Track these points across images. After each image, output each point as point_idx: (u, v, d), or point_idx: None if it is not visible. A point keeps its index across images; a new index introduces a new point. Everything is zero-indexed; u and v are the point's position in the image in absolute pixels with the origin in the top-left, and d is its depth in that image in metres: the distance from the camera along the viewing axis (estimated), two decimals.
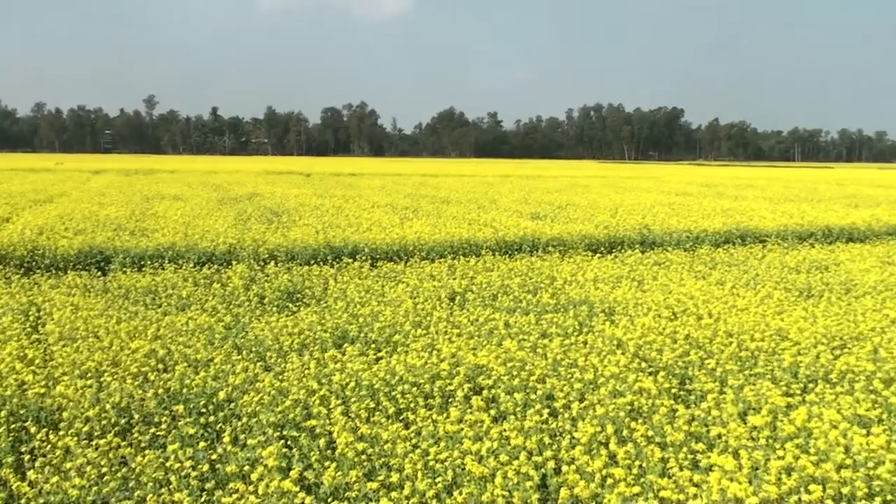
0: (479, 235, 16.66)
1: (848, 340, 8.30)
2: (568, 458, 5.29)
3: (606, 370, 6.92)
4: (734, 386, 6.68)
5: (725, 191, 38.56)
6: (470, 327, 8.90)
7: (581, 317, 9.38)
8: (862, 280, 12.05)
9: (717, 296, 10.59)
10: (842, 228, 19.94)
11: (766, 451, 5.29)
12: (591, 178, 56.78)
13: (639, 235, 17.80)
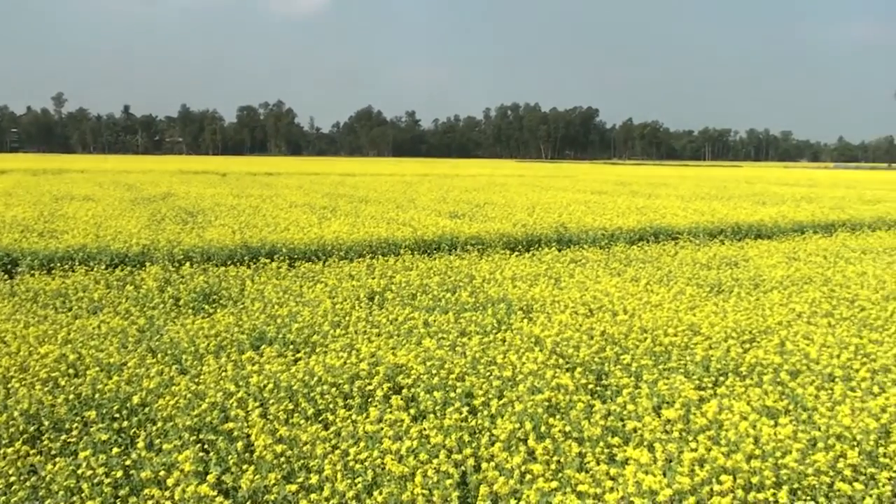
0: (398, 234, 16.65)
1: (757, 334, 8.55)
2: (487, 455, 5.33)
3: (525, 367, 6.99)
4: (649, 380, 6.82)
5: (639, 189, 39.30)
6: (389, 326, 8.89)
7: (499, 315, 9.45)
8: (769, 275, 12.43)
9: (632, 292, 10.78)
10: (750, 225, 20.52)
11: (680, 443, 5.42)
12: (508, 176, 57.26)
13: (556, 234, 18.01)
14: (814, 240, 18.15)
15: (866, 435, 5.45)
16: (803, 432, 5.51)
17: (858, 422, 5.60)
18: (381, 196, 30.20)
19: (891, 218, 23.40)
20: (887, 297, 10.56)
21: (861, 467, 5.10)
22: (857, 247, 16.69)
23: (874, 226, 21.93)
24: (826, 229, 20.89)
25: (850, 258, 14.89)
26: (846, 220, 22.56)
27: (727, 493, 4.68)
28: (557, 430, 5.66)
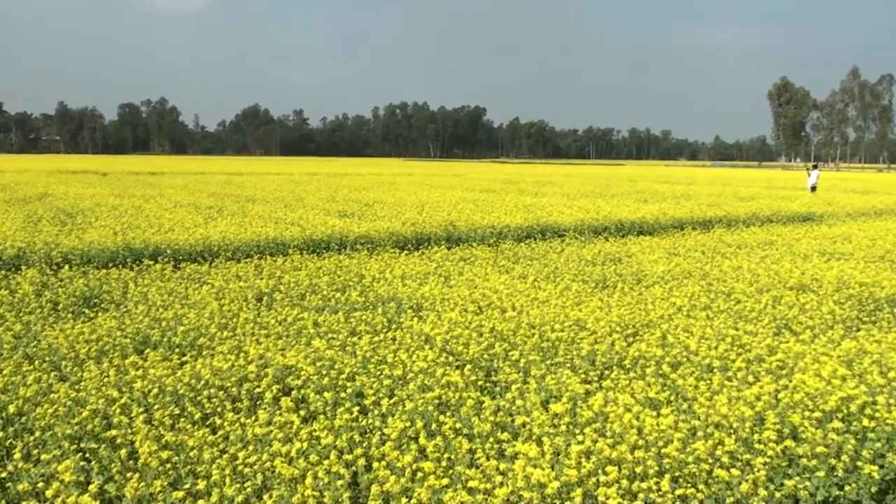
0: (287, 234, 16.46)
1: (640, 328, 8.79)
2: (378, 454, 5.33)
3: (415, 365, 7.02)
4: (537, 376, 6.93)
5: (526, 187, 39.91)
6: (278, 328, 8.78)
7: (390, 314, 9.46)
8: (651, 270, 12.81)
9: (520, 289, 10.94)
10: (633, 222, 21.07)
11: (567, 436, 5.53)
12: (397, 175, 57.34)
13: (445, 232, 18.12)
14: (693, 236, 18.77)
15: (742, 422, 5.68)
16: (684, 422, 5.70)
17: (735, 410, 5.83)
18: (268, 195, 29.80)
19: (763, 214, 24.41)
20: (761, 290, 11.02)
21: (738, 454, 5.30)
22: (733, 242, 17.36)
23: (748, 221, 22.83)
24: (704, 225, 21.63)
25: (726, 253, 15.49)
26: (723, 216, 23.41)
27: (612, 483, 4.80)
28: (448, 428, 5.70)
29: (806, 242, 17.29)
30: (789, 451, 5.46)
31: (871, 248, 16.21)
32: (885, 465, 5.54)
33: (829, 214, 25.54)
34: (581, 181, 49.81)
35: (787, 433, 5.69)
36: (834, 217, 25.03)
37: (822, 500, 5.18)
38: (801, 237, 18.50)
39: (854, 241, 17.69)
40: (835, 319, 9.39)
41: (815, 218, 24.66)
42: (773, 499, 5.04)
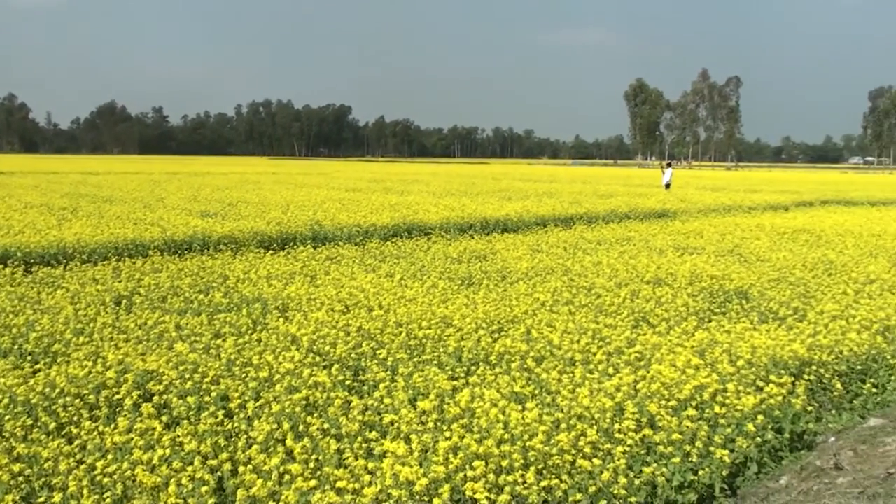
0: (146, 235, 15.97)
1: (505, 324, 8.95)
2: (244, 458, 5.24)
3: (282, 367, 6.94)
4: (404, 373, 6.96)
5: (392, 186, 39.97)
6: (138, 332, 8.49)
7: (255, 315, 9.30)
8: (515, 267, 13.05)
9: (387, 288, 10.96)
10: (497, 220, 21.40)
11: (435, 433, 5.58)
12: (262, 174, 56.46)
13: (311, 231, 17.96)
14: (555, 232, 19.21)
15: (603, 413, 5.86)
16: (548, 415, 5.83)
17: (596, 402, 6.01)
18: (127, 195, 28.81)
19: (622, 211, 25.20)
20: (619, 285, 11.39)
21: (599, 444, 5.48)
22: (593, 238, 17.88)
23: (607, 218, 23.51)
24: (565, 222, 22.16)
25: (587, 249, 15.92)
26: (583, 213, 24.03)
27: (479, 477, 4.87)
28: (315, 429, 5.66)
29: (661, 238, 17.97)
30: (647, 439, 5.69)
31: (721, 243, 17.01)
32: (735, 450, 5.84)
33: (682, 211, 26.58)
34: (447, 179, 50.25)
35: (646, 422, 5.92)
36: (687, 213, 26.07)
37: (678, 484, 5.41)
38: (657, 233, 19.22)
39: (705, 236, 18.52)
40: (688, 311, 9.80)
41: (669, 214, 25.62)
42: (633, 486, 5.22)
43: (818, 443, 6.72)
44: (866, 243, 17.29)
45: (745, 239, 17.90)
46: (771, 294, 10.80)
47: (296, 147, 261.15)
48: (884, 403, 7.73)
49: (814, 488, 5.33)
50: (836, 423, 7.21)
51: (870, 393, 7.84)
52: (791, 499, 5.18)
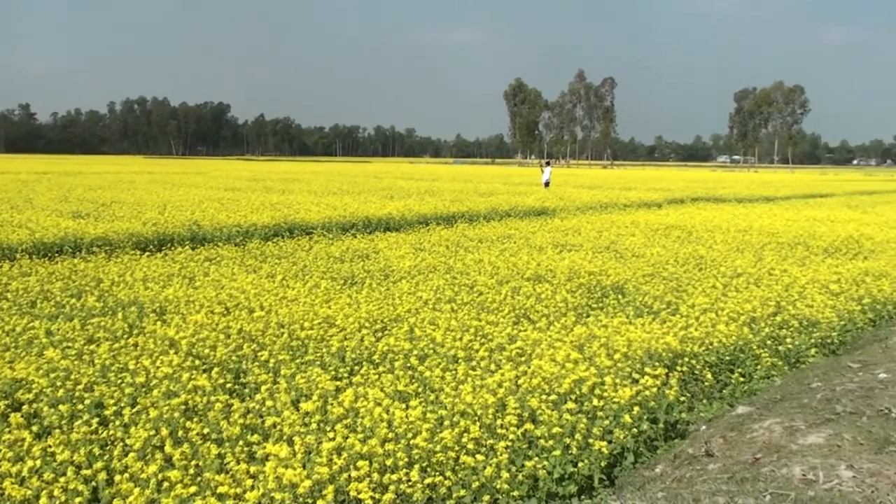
0: (13, 238, 15.26)
1: (388, 323, 8.95)
2: (120, 466, 5.08)
3: (160, 371, 6.75)
4: (287, 375, 6.89)
5: (273, 185, 39.42)
6: (5, 339, 8.12)
7: (131, 318, 9.02)
8: (398, 266, 13.07)
9: (268, 288, 10.81)
10: (380, 219, 21.38)
11: (318, 434, 5.54)
12: (137, 174, 54.81)
13: (189, 232, 17.53)
14: (437, 231, 19.33)
15: (486, 409, 5.94)
16: (432, 412, 5.87)
17: (479, 398, 6.09)
18: None
19: (502, 209, 25.54)
20: (501, 282, 11.56)
21: (482, 440, 5.55)
22: (475, 236, 18.08)
23: (488, 216, 23.80)
24: (447, 221, 22.32)
25: (468, 247, 16.09)
26: (465, 211, 24.26)
27: (364, 477, 4.87)
28: (195, 433, 5.54)
29: (541, 235, 18.31)
30: (529, 433, 5.79)
31: (598, 240, 17.46)
32: (613, 441, 6.01)
33: (561, 209, 27.14)
34: (328, 178, 49.90)
35: (527, 417, 6.03)
36: (565, 211, 26.62)
37: (559, 477, 5.54)
38: (537, 230, 19.57)
39: (583, 233, 18.97)
40: (567, 307, 10.02)
41: (548, 212, 26.11)
42: (515, 480, 5.32)
43: (691, 431, 6.98)
44: (734, 239, 18.06)
45: (621, 235, 18.43)
46: (646, 289, 11.15)
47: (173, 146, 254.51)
48: (750, 392, 8.09)
49: (687, 475, 5.54)
50: (707, 412, 7.50)
51: (738, 382, 8.20)
52: (665, 486, 5.36)
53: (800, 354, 9.15)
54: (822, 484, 4.91)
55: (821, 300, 10.59)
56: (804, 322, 9.81)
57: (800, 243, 17.33)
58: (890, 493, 4.72)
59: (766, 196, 39.21)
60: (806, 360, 9.09)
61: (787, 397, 7.33)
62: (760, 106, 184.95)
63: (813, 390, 7.40)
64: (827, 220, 23.58)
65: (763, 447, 5.81)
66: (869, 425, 6.01)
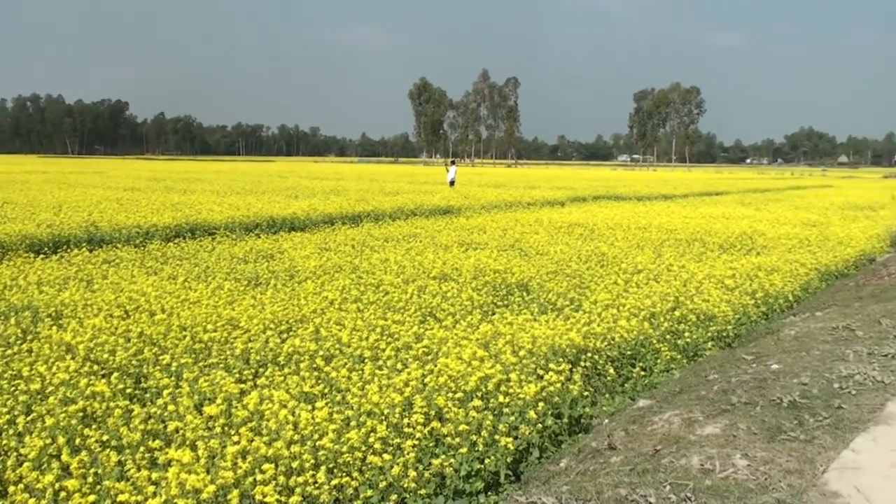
0: None
1: (293, 323, 8.87)
2: (14, 477, 4.91)
3: (56, 377, 6.54)
4: (189, 378, 6.77)
5: (174, 185, 38.61)
6: None
7: (24, 323, 8.71)
8: (303, 266, 12.96)
9: (170, 290, 10.58)
10: (284, 218, 21.14)
11: (222, 438, 5.46)
12: (30, 173, 52.87)
13: (86, 233, 17.01)
14: (343, 230, 19.25)
15: (392, 409, 5.95)
16: (338, 413, 5.85)
17: (386, 397, 6.09)
18: None
19: (408, 208, 25.56)
20: (407, 281, 11.57)
21: (389, 439, 5.55)
22: (380, 235, 18.05)
23: (394, 215, 23.78)
24: (353, 220, 22.23)
25: (374, 246, 16.06)
26: (370, 210, 24.19)
27: (269, 480, 4.82)
28: (94, 441, 5.39)
29: (446, 234, 18.40)
30: (436, 431, 5.82)
31: (503, 238, 17.65)
32: (519, 437, 6.09)
33: (466, 207, 27.31)
34: (231, 178, 49.10)
35: (434, 415, 6.06)
36: (471, 210, 26.81)
37: (466, 474, 5.58)
38: (442, 229, 19.66)
39: (488, 231, 19.14)
40: (473, 305, 10.10)
41: (454, 211, 26.24)
42: (423, 478, 5.34)
43: (594, 425, 7.12)
44: (634, 236, 18.50)
45: (525, 234, 18.66)
46: (550, 286, 11.32)
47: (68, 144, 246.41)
48: (651, 385, 8.30)
49: (590, 468, 5.65)
50: (610, 406, 7.67)
51: (639, 376, 8.40)
52: (570, 479, 5.46)
53: (697, 348, 9.44)
54: (718, 473, 5.08)
55: (717, 295, 10.94)
56: (701, 316, 10.12)
57: (697, 240, 17.85)
58: (782, 480, 4.91)
59: (664, 194, 40.21)
60: (703, 353, 9.38)
61: (686, 390, 7.55)
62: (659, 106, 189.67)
63: (710, 382, 7.63)
64: (722, 218, 24.36)
65: (663, 439, 5.97)
66: (762, 415, 6.23)
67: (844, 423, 6.00)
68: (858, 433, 5.83)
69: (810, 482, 4.92)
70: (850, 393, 6.74)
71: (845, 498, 4.73)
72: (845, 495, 4.76)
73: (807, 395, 6.68)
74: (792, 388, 6.89)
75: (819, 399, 6.58)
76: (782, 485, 4.85)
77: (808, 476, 5.01)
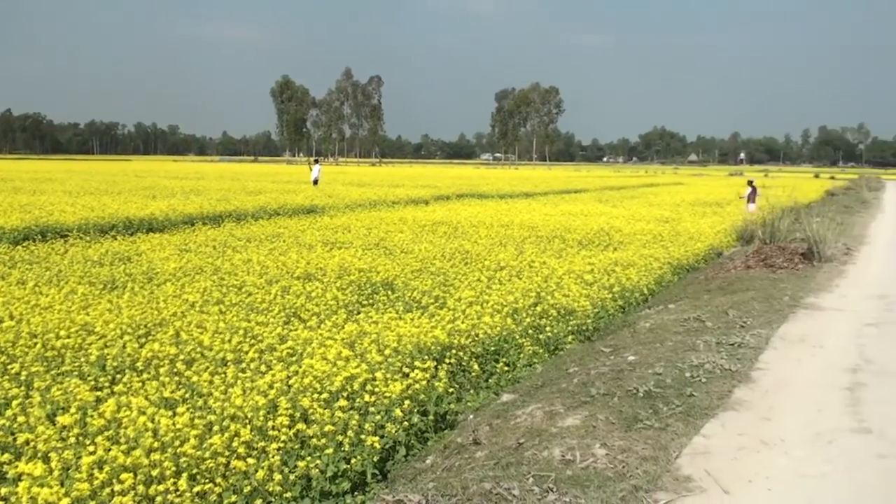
0: None
1: (152, 328, 8.62)
2: None
3: None
4: (41, 388, 6.48)
5: (23, 185, 36.79)
6: None
7: None
8: (163, 268, 12.59)
9: (19, 296, 10.09)
10: (142, 219, 20.51)
11: (77, 448, 5.26)
12: None
13: None
14: (203, 231, 18.82)
15: (257, 412, 5.86)
16: (200, 418, 5.72)
17: (250, 400, 6.00)
18: None
19: (271, 207, 25.23)
20: (270, 282, 11.42)
21: (253, 443, 5.47)
22: (243, 236, 17.75)
23: (257, 215, 23.44)
24: (214, 220, 21.78)
25: (236, 247, 15.77)
26: (232, 210, 23.77)
27: (128, 490, 4.68)
28: None
29: (310, 233, 18.25)
30: (301, 433, 5.77)
31: (368, 237, 17.64)
32: (385, 435, 6.10)
33: (330, 206, 27.18)
34: (85, 178, 47.18)
35: (299, 417, 6.01)
36: (335, 209, 26.70)
37: (332, 475, 5.56)
38: (306, 228, 19.49)
39: (353, 230, 19.10)
40: (338, 305, 10.06)
41: (318, 210, 26.07)
42: (288, 481, 5.28)
43: (459, 421, 7.21)
44: (497, 233, 18.82)
45: (390, 232, 18.71)
46: (414, 284, 11.38)
47: None
48: (514, 380, 8.47)
49: (456, 464, 5.72)
50: (475, 402, 7.78)
51: (502, 371, 8.56)
52: (436, 476, 5.51)
53: (558, 342, 9.69)
54: (579, 463, 5.24)
55: (576, 290, 11.25)
56: (562, 311, 10.39)
57: (557, 236, 18.32)
58: (638, 467, 5.11)
59: (525, 192, 41.06)
60: (564, 347, 9.64)
61: (548, 383, 7.74)
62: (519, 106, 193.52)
63: (570, 375, 7.86)
64: (581, 215, 25.09)
65: (526, 432, 6.11)
66: (620, 405, 6.46)
67: (696, 411, 6.30)
68: (708, 419, 6.13)
69: (664, 468, 5.14)
70: (701, 381, 7.07)
71: (696, 481, 4.96)
72: (696, 479, 4.99)
73: (661, 384, 6.97)
74: (647, 378, 7.16)
75: (672, 388, 6.87)
76: (639, 472, 5.05)
77: (663, 462, 5.23)
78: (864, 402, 6.68)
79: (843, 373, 7.58)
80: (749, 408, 6.47)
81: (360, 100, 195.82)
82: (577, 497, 4.72)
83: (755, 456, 5.42)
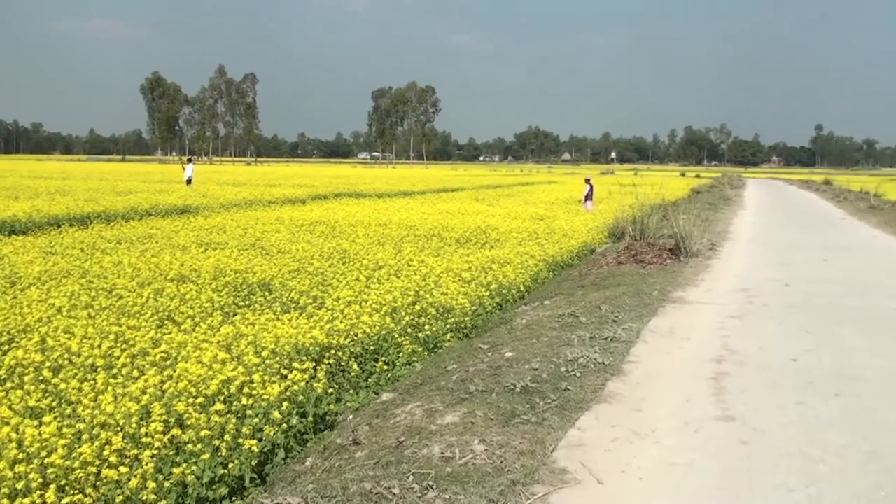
0: None
1: (16, 334, 8.26)
2: None
3: None
4: None
5: None
6: None
7: None
8: (26, 272, 12.05)
9: None
10: (3, 221, 19.63)
11: None
12: None
13: None
14: (70, 233, 18.12)
15: (129, 418, 5.70)
16: (69, 427, 5.52)
17: (121, 407, 5.82)
18: None
19: (142, 208, 24.53)
20: (142, 284, 11.10)
21: (126, 450, 5.32)
22: (113, 237, 17.17)
23: (127, 216, 22.75)
24: (82, 221, 21.05)
25: (106, 249, 15.25)
26: (101, 211, 23.00)
27: None
28: None
29: (184, 234, 17.82)
30: (176, 439, 5.64)
31: (244, 237, 17.35)
32: (263, 438, 6.03)
33: (204, 206, 26.62)
34: None
35: (174, 422, 5.86)
36: (209, 209, 26.15)
37: (209, 481, 5.45)
38: (180, 229, 19.02)
39: (228, 230, 18.75)
40: (214, 307, 9.86)
41: (192, 210, 25.49)
42: (163, 489, 5.15)
43: (339, 422, 7.17)
44: (375, 232, 18.81)
45: (267, 232, 18.46)
46: (292, 284, 11.26)
47: None
48: (394, 378, 8.48)
49: (336, 465, 5.69)
50: (354, 402, 7.75)
51: (382, 370, 8.56)
52: (316, 478, 5.47)
53: (437, 340, 9.75)
54: (458, 460, 5.29)
55: (454, 288, 11.35)
56: (440, 309, 10.47)
57: (435, 235, 18.44)
58: (516, 462, 5.20)
59: (403, 191, 41.18)
60: (443, 345, 9.70)
61: (427, 381, 7.78)
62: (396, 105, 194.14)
63: (449, 373, 7.92)
64: (458, 213, 25.32)
65: (406, 430, 6.13)
66: (498, 401, 6.56)
67: (571, 404, 6.45)
68: (583, 412, 6.29)
69: (541, 461, 5.24)
70: (576, 375, 7.24)
71: (572, 473, 5.08)
72: (572, 471, 5.12)
73: (537, 379, 7.10)
74: (524, 373, 7.29)
75: (548, 383, 7.01)
76: (516, 466, 5.14)
77: (539, 456, 5.34)
78: (728, 391, 6.98)
79: (708, 363, 7.89)
80: (621, 400, 6.67)
81: (234, 98, 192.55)
82: (457, 493, 4.76)
83: (628, 447, 5.59)
